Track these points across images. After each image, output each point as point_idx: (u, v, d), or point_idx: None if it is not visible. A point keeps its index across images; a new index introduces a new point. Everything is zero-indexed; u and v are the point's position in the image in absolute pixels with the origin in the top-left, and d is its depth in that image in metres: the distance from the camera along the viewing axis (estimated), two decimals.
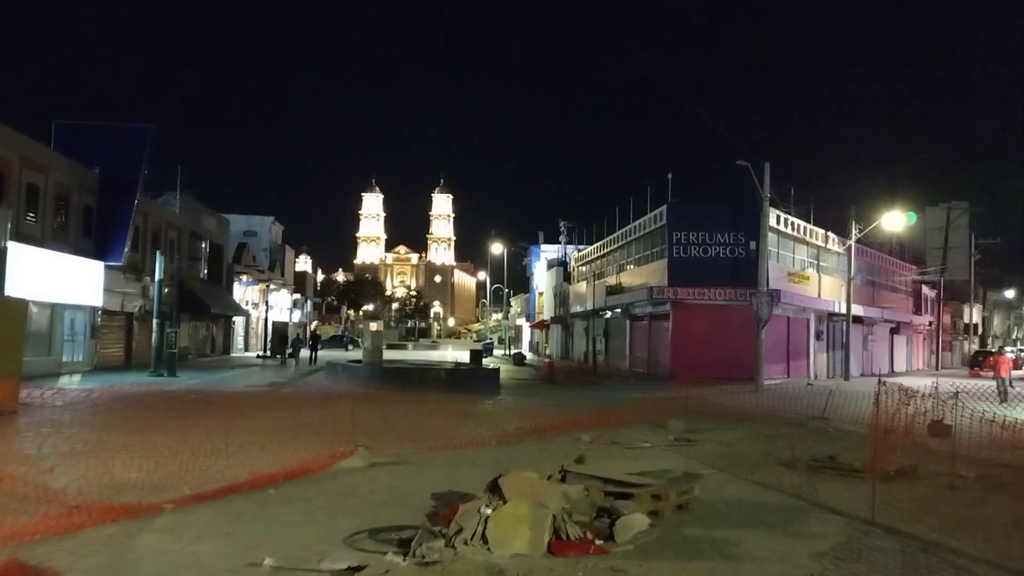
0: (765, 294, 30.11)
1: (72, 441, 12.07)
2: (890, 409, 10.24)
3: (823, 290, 42.44)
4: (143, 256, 36.03)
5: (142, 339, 35.78)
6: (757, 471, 11.21)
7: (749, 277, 31.93)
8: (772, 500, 9.35)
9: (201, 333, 46.67)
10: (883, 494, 8.64)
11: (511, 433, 15.17)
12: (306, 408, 18.69)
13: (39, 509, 7.14)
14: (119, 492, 8.53)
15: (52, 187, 28.60)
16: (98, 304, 31.38)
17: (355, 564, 6.15)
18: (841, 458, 11.79)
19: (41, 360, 26.64)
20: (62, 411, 16.03)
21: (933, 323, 59.91)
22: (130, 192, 32.50)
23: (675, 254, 37.47)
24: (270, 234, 65.77)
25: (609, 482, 8.27)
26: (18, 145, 26.49)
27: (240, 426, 14.30)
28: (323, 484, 9.65)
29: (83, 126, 34.13)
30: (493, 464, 10.99)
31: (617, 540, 6.96)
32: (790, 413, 18.91)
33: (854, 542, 7.37)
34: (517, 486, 7.23)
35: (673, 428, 15.66)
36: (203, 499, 8.41)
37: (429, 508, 8.44)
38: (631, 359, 42.79)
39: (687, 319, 35.87)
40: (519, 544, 6.54)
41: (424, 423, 15.90)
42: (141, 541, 6.89)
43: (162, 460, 10.43)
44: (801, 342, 39.78)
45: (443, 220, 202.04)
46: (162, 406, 17.89)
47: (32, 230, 27.15)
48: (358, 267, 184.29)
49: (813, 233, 42.71)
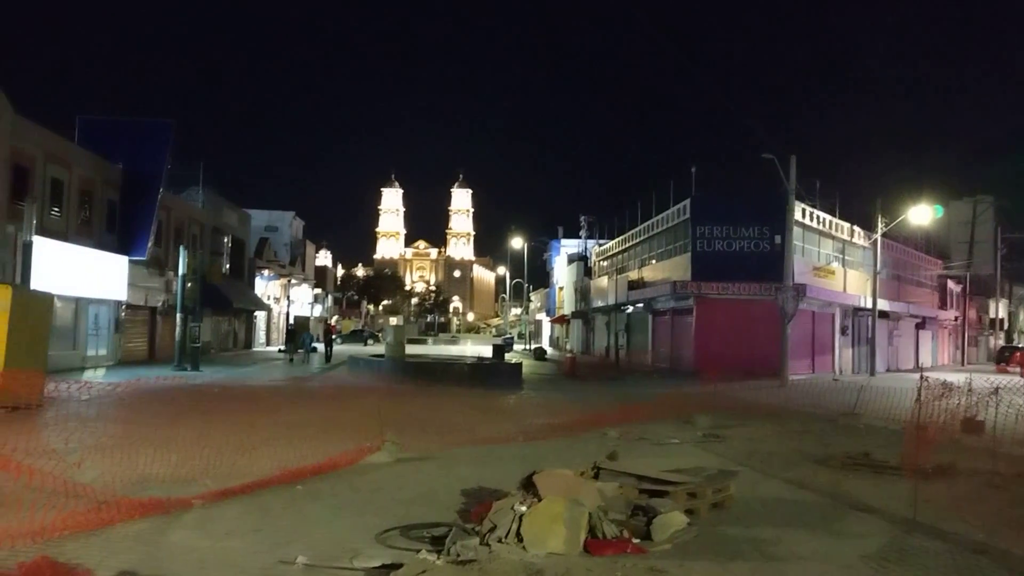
0: (790, 289, 29.77)
1: (98, 435, 12.03)
2: (928, 405, 10.00)
3: (848, 285, 41.99)
4: (166, 251, 36.19)
5: (165, 333, 35.93)
6: (790, 468, 11.00)
7: (774, 271, 31.58)
8: (808, 498, 9.15)
9: (223, 328, 46.82)
10: (922, 492, 8.41)
11: (537, 429, 15.03)
12: (330, 403, 18.65)
13: (67, 504, 7.06)
14: (146, 487, 8.45)
15: (76, 182, 28.70)
16: (122, 298, 31.52)
17: (389, 562, 6.01)
18: (876, 455, 11.56)
19: (66, 354, 26.75)
20: (87, 405, 16.05)
21: (959, 318, 59.27)
22: (153, 187, 32.59)
23: (699, 248, 37.19)
24: (291, 229, 65.96)
25: (644, 479, 8.09)
26: (42, 140, 26.58)
27: (265, 420, 14.24)
28: (351, 480, 9.53)
29: (106, 121, 34.24)
30: (520, 460, 10.85)
31: (654, 539, 6.79)
32: (818, 409, 18.66)
33: (899, 542, 7.15)
34: (552, 483, 7.08)
35: (701, 424, 15.46)
36: (231, 494, 8.31)
37: (459, 505, 8.30)
38: (653, 354, 42.52)
39: (711, 314, 35.57)
40: (555, 543, 6.38)
41: (449, 418, 15.80)
42: (170, 537, 6.79)
43: (188, 454, 10.36)
44: (826, 337, 39.39)
45: (462, 215, 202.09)
46: (187, 400, 17.90)
47: (56, 224, 27.26)
48: (378, 262, 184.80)
49: (839, 227, 42.27)
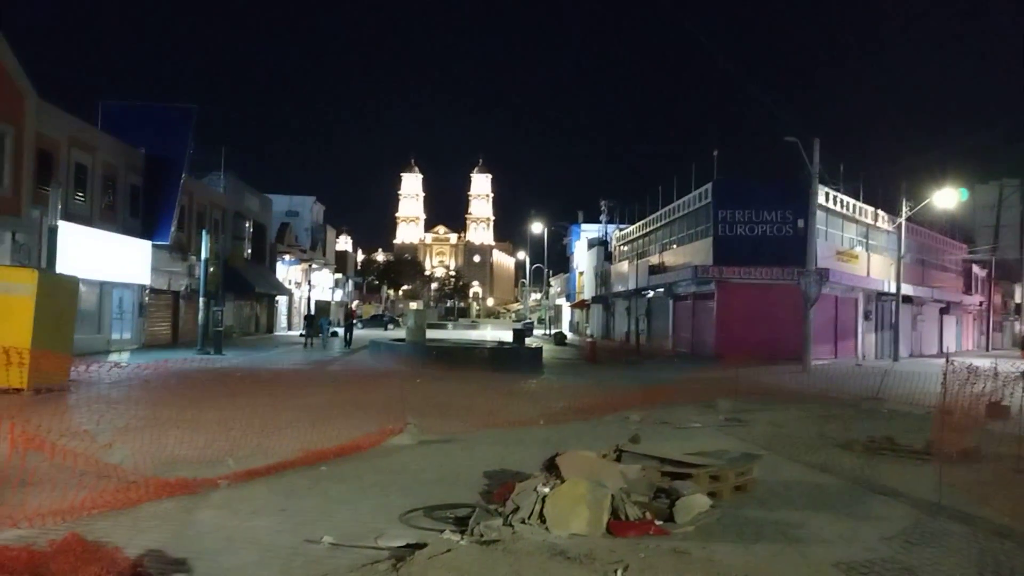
0: (813, 273, 29.54)
1: (125, 417, 12.18)
2: (954, 389, 9.92)
3: (872, 269, 41.66)
4: (189, 235, 36.45)
5: (188, 317, 36.26)
6: (813, 452, 10.97)
7: (797, 256, 31.33)
8: (832, 482, 9.11)
9: (245, 312, 47.15)
10: (947, 476, 8.36)
11: (558, 412, 15.05)
12: (352, 386, 18.76)
13: (97, 484, 7.16)
14: (173, 467, 8.55)
15: (100, 167, 28.92)
16: (146, 283, 31.80)
17: (413, 542, 6.06)
18: (899, 440, 11.50)
19: (91, 338, 27.04)
20: (113, 387, 16.25)
21: (983, 303, 58.67)
22: (175, 172, 32.78)
23: (720, 232, 36.99)
24: (312, 214, 66.19)
25: (666, 462, 8.09)
26: (66, 125, 26.79)
27: (288, 403, 14.39)
28: (374, 461, 9.61)
29: (129, 107, 34.44)
30: (542, 443, 10.89)
31: (677, 521, 6.79)
32: (841, 394, 18.56)
33: (923, 526, 7.12)
34: (575, 465, 7.11)
35: (722, 408, 15.44)
36: (256, 475, 8.40)
37: (482, 486, 8.34)
38: (674, 339, 42.41)
39: (732, 298, 35.41)
40: (577, 524, 6.40)
41: (470, 402, 15.87)
42: (198, 516, 6.87)
43: (214, 436, 10.47)
44: (849, 322, 39.13)
45: (482, 200, 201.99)
46: (211, 383, 18.09)
47: (81, 209, 27.50)
48: (398, 247, 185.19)
49: (862, 211, 41.88)
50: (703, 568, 5.59)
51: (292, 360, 28.70)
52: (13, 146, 22.98)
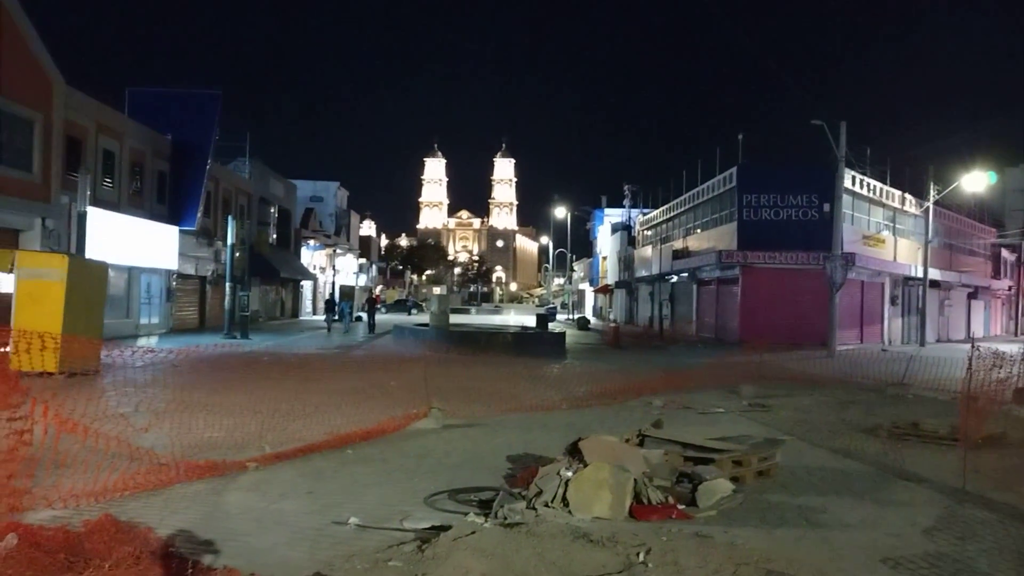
0: (839, 258, 29.30)
1: (155, 400, 12.38)
2: (980, 374, 9.85)
3: (899, 253, 41.24)
4: (215, 221, 36.78)
5: (215, 302, 36.64)
6: (837, 438, 10.95)
7: (822, 240, 31.09)
8: (855, 467, 9.10)
9: (271, 297, 47.54)
10: (972, 462, 8.32)
11: (581, 397, 15.11)
12: (377, 370, 18.90)
13: (129, 467, 7.30)
14: (203, 450, 8.71)
15: (127, 153, 29.21)
16: (173, 268, 32.15)
17: (438, 524, 6.15)
18: (924, 425, 11.43)
19: (119, 322, 27.42)
20: (142, 371, 16.45)
21: (1012, 288, 57.88)
22: (202, 158, 33.04)
23: (745, 217, 36.75)
24: (336, 199, 66.47)
25: (689, 447, 8.13)
26: (94, 112, 27.07)
27: (314, 387, 14.54)
28: (399, 445, 9.72)
29: (155, 93, 34.71)
30: (565, 428, 10.96)
31: (700, 505, 6.83)
32: (866, 379, 18.43)
33: (948, 512, 7.10)
34: (597, 449, 7.15)
35: (746, 394, 15.42)
36: (284, 458, 8.54)
37: (505, 470, 8.42)
38: (698, 324, 42.27)
39: (757, 283, 35.22)
40: (600, 508, 6.46)
41: (493, 386, 15.94)
42: (227, 498, 7.01)
43: (242, 420, 10.64)
44: (875, 307, 38.80)
45: (505, 184, 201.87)
46: (238, 367, 18.30)
47: (109, 195, 27.82)
48: (421, 232, 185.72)
49: (889, 195, 41.42)
50: (726, 552, 5.62)
51: (317, 345, 28.92)
52: (42, 133, 23.27)
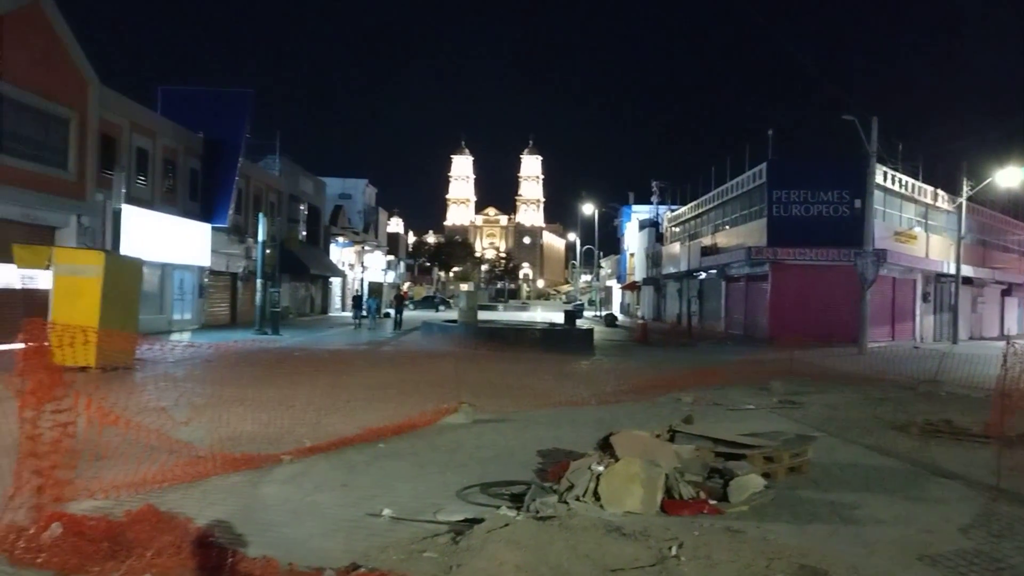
0: (870, 254, 29.03)
1: (190, 395, 12.58)
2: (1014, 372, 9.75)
3: (931, 250, 40.73)
4: (246, 218, 37.15)
5: (246, 299, 37.01)
6: (869, 434, 10.89)
7: (853, 236, 30.80)
8: (887, 464, 9.05)
9: (300, 293, 47.95)
10: (1006, 459, 8.25)
11: (610, 393, 15.12)
12: (407, 366, 19.06)
13: (168, 459, 7.45)
14: (238, 443, 8.85)
15: (160, 151, 29.62)
16: (206, 264, 32.55)
17: (471, 517, 6.22)
18: (957, 422, 11.34)
19: (153, 318, 27.81)
20: (176, 366, 16.73)
21: None
22: (233, 155, 33.42)
23: (775, 213, 36.47)
24: (364, 196, 66.87)
25: (720, 442, 8.13)
26: (128, 111, 27.47)
27: (345, 382, 14.70)
28: (430, 439, 9.81)
29: (188, 91, 35.21)
30: (595, 423, 10.99)
31: (731, 501, 6.84)
32: (898, 376, 18.27)
33: (982, 508, 7.06)
34: (629, 444, 7.19)
35: (776, 390, 15.35)
36: (318, 451, 8.66)
37: (536, 464, 8.48)
38: (727, 321, 42.04)
39: (787, 280, 34.95)
40: (631, 502, 6.50)
41: (522, 382, 16.01)
42: (264, 490, 7.13)
43: (275, 414, 10.78)
44: (907, 304, 38.38)
45: (532, 181, 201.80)
46: (270, 362, 18.53)
47: (143, 193, 28.23)
48: (448, 229, 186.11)
49: (921, 190, 40.90)
50: (758, 546, 5.64)
51: (346, 341, 29.16)
52: (77, 131, 23.66)
